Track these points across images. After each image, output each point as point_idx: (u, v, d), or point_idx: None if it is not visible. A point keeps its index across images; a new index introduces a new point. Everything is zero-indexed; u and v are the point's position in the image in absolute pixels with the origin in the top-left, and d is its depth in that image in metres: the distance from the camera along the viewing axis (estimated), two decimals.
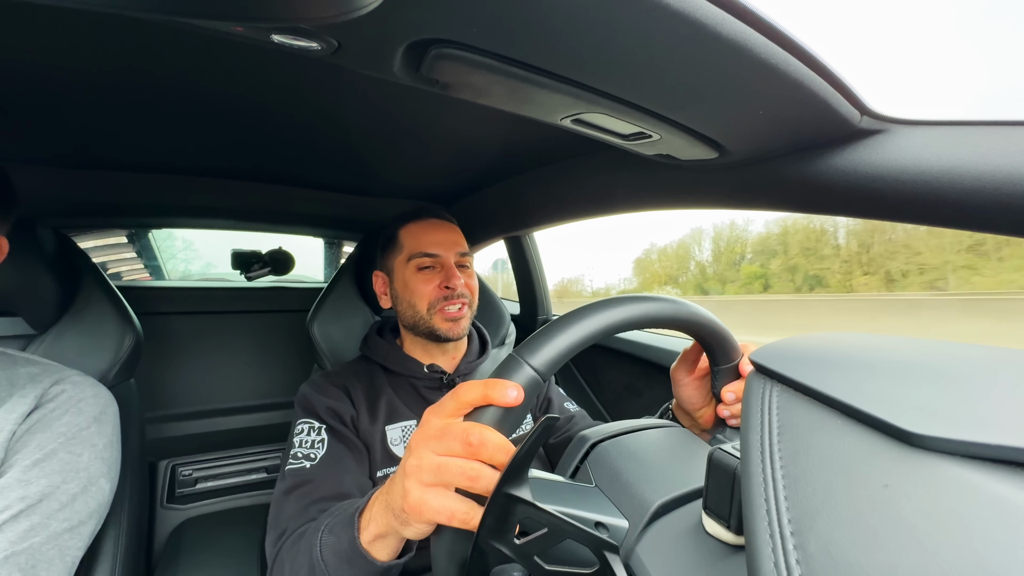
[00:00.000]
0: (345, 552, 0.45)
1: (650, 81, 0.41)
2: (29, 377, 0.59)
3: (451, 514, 0.34)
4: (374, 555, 0.44)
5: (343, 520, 0.47)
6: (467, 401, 0.35)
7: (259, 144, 0.85)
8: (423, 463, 0.35)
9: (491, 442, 0.33)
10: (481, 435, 0.33)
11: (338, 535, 0.46)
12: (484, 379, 0.36)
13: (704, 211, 0.74)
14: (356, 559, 0.44)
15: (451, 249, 0.80)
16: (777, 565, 0.20)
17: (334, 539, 0.47)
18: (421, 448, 0.36)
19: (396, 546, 0.45)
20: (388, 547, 0.44)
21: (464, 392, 0.36)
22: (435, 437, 0.35)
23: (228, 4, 0.27)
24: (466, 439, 0.34)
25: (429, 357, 0.80)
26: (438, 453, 0.35)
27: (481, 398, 0.35)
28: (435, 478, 0.35)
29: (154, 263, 1.75)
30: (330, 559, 0.46)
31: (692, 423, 0.58)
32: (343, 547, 0.45)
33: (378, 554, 0.44)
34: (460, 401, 0.36)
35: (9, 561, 0.47)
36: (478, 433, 0.33)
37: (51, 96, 0.63)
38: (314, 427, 0.68)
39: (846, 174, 0.51)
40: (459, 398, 0.36)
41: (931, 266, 14.28)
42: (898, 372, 0.25)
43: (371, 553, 0.44)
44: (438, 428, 0.36)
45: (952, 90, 28.51)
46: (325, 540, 0.47)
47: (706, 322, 0.45)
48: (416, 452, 0.36)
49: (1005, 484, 0.18)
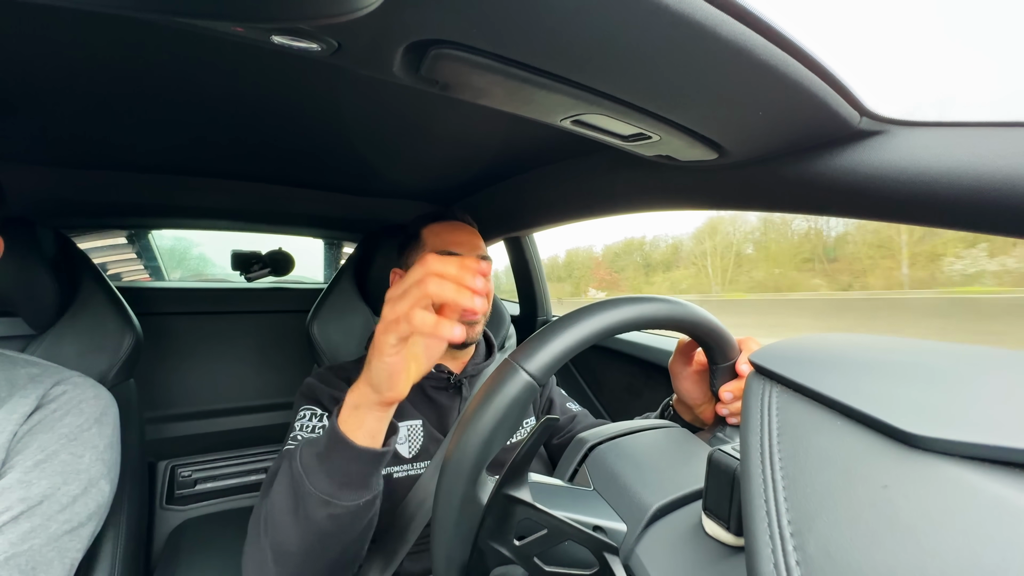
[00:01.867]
0: (323, 447, 0.46)
1: (650, 82, 0.41)
2: (30, 378, 0.59)
3: (411, 319, 0.40)
4: (350, 435, 0.45)
5: (321, 431, 0.48)
6: (414, 278, 0.42)
7: (259, 144, 0.85)
8: (401, 290, 0.42)
9: (436, 285, 0.41)
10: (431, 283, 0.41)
11: (315, 442, 0.47)
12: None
13: (704, 212, 0.74)
14: (333, 446, 0.45)
15: (472, 251, 0.81)
16: (777, 566, 0.20)
17: (312, 446, 0.47)
18: (399, 284, 0.43)
19: (373, 425, 0.46)
20: (364, 424, 0.45)
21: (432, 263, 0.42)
22: (412, 277, 0.43)
23: (228, 5, 0.27)
24: (419, 284, 0.41)
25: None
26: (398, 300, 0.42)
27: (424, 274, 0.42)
28: (396, 303, 0.42)
29: (154, 264, 1.75)
30: (308, 462, 0.46)
31: (693, 418, 0.58)
32: (320, 445, 0.46)
33: (354, 435, 0.45)
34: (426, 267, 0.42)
35: (9, 563, 0.47)
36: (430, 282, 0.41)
37: (51, 96, 0.63)
38: (316, 413, 0.68)
39: (845, 175, 0.51)
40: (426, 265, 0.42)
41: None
42: (897, 373, 0.25)
43: (347, 433, 0.45)
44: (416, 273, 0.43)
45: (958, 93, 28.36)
46: (304, 449, 0.48)
47: (703, 321, 0.45)
48: (396, 287, 0.43)
49: (1004, 485, 0.18)
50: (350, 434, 0.45)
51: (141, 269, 1.71)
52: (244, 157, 0.91)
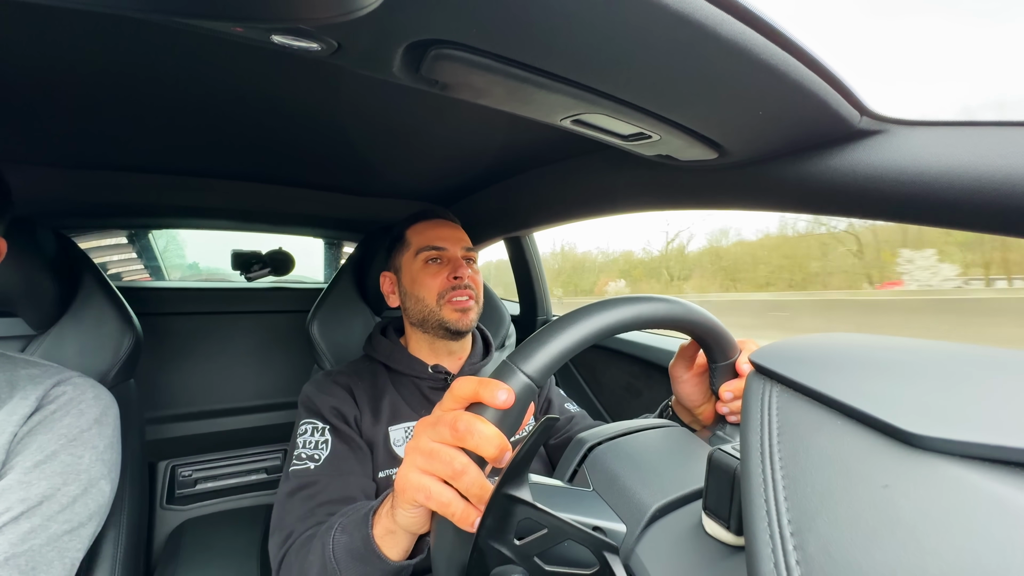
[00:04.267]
0: (358, 550, 0.45)
1: (650, 82, 0.41)
2: (30, 379, 0.59)
3: (429, 494, 0.35)
4: (385, 552, 0.44)
5: (356, 519, 0.48)
6: (460, 395, 0.36)
7: (259, 144, 0.85)
8: (419, 446, 0.37)
9: (478, 431, 0.34)
10: (469, 423, 0.34)
11: (351, 533, 0.47)
12: (479, 377, 0.36)
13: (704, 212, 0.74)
14: (369, 556, 0.45)
15: (457, 244, 0.82)
16: (777, 565, 0.20)
17: (347, 538, 0.47)
18: (420, 433, 0.38)
19: (406, 544, 0.45)
20: (398, 544, 0.45)
21: (458, 387, 0.36)
22: (431, 424, 0.37)
23: (228, 5, 0.27)
24: (454, 424, 0.34)
25: (435, 357, 0.81)
26: (432, 440, 0.36)
27: (473, 394, 0.36)
28: (426, 463, 0.36)
29: (154, 264, 1.75)
30: (343, 557, 0.46)
31: (692, 419, 0.58)
32: (356, 545, 0.46)
33: (389, 552, 0.44)
34: (454, 395, 0.37)
35: (9, 563, 0.47)
36: (466, 421, 0.34)
37: (51, 96, 0.63)
38: (318, 427, 0.68)
39: (845, 174, 0.51)
40: (453, 392, 0.37)
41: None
42: (898, 372, 0.25)
43: (382, 550, 0.44)
44: (436, 416, 0.37)
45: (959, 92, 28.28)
46: (338, 539, 0.47)
47: (702, 321, 0.45)
48: (416, 436, 0.38)
49: (1004, 484, 0.18)
50: (386, 551, 0.44)
51: (141, 269, 1.71)
52: (244, 157, 0.91)
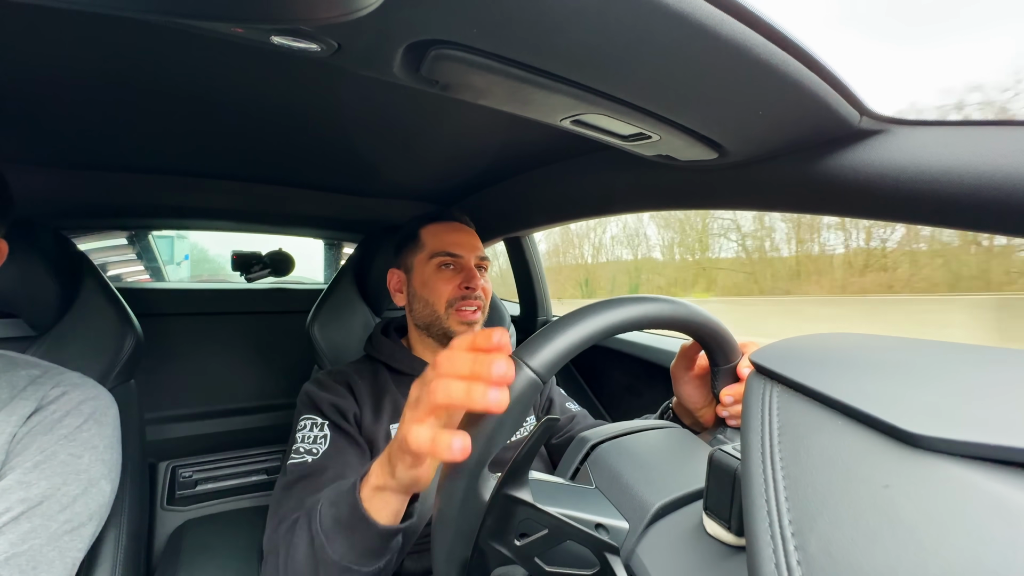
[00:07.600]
0: (345, 518, 0.45)
1: (650, 82, 0.41)
2: (30, 379, 0.59)
3: (430, 437, 0.36)
4: (373, 515, 0.44)
5: (344, 490, 0.47)
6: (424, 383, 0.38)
7: (259, 145, 0.85)
8: (414, 397, 0.39)
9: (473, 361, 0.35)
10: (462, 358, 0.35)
11: (338, 505, 0.46)
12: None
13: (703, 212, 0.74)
14: (356, 523, 0.44)
15: (472, 252, 0.81)
16: (778, 566, 0.20)
17: (334, 509, 0.46)
18: (416, 387, 0.40)
19: (397, 506, 0.45)
20: (388, 505, 0.44)
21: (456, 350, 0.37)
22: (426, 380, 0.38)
23: (228, 5, 0.27)
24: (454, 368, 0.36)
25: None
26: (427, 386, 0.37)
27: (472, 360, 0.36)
28: (424, 408, 0.37)
29: (154, 265, 1.75)
30: (329, 527, 0.46)
31: (693, 421, 0.58)
32: (343, 513, 0.45)
33: (378, 514, 0.44)
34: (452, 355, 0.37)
35: (10, 563, 0.47)
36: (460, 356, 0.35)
37: (51, 96, 0.63)
38: (317, 423, 0.68)
39: (846, 174, 0.51)
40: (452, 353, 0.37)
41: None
42: (898, 372, 0.25)
43: (370, 512, 0.44)
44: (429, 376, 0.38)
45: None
46: (325, 511, 0.47)
47: (705, 322, 0.45)
48: (412, 392, 0.40)
49: (1005, 484, 0.18)
50: (374, 514, 0.44)
51: (141, 270, 1.71)
52: (244, 158, 0.91)
